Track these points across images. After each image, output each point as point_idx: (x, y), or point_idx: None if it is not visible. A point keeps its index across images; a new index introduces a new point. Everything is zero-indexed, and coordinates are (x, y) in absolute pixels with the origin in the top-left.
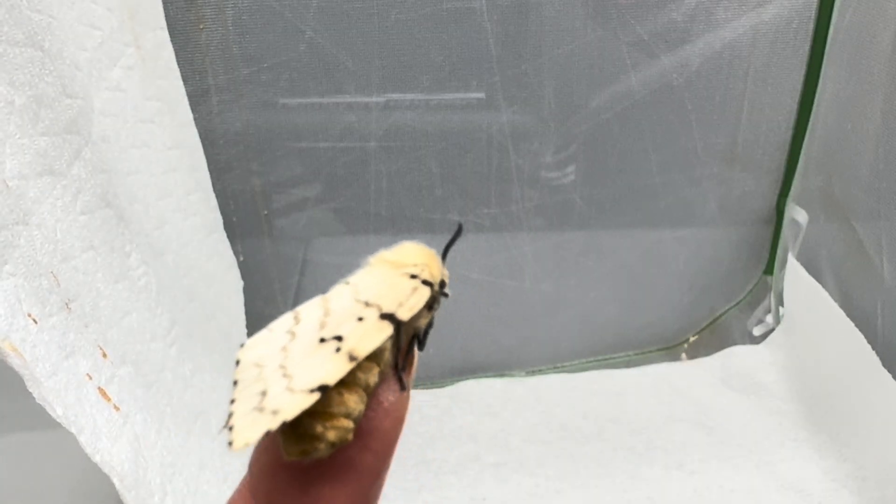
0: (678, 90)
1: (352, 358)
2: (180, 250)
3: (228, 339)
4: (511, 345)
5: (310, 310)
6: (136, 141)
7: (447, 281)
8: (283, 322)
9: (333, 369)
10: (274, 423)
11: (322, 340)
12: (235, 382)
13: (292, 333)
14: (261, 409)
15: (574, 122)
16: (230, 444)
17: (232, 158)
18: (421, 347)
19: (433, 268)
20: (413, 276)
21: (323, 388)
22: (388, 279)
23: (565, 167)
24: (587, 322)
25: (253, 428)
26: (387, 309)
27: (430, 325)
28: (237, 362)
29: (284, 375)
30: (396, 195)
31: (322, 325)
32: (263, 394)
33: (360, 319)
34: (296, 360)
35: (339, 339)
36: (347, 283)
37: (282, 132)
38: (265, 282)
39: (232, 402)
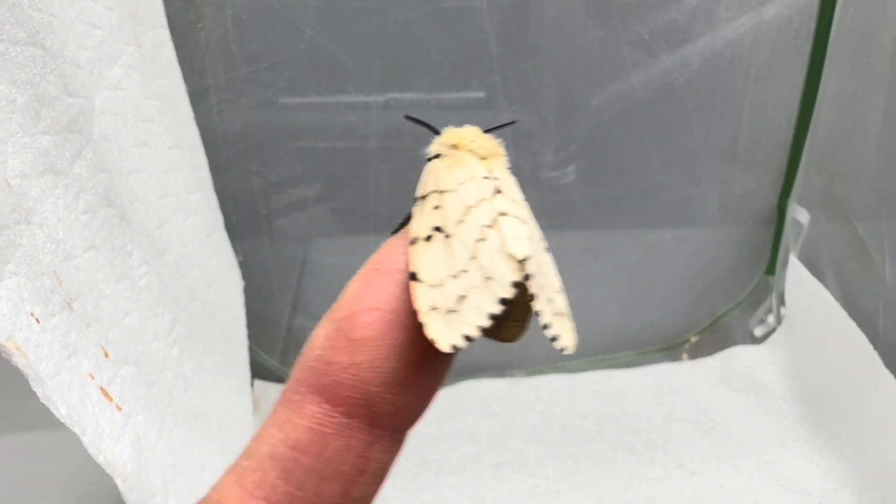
0: (679, 90)
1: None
2: (181, 250)
3: (229, 339)
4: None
5: (523, 211)
6: (136, 140)
7: None
8: (532, 230)
9: (554, 267)
10: (569, 323)
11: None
12: (532, 296)
13: (532, 239)
14: (560, 314)
15: (574, 121)
16: (563, 350)
17: (231, 158)
18: None
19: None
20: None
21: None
22: (508, 172)
23: (565, 167)
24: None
25: (568, 328)
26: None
27: None
28: (527, 277)
29: (547, 281)
30: (396, 195)
31: (532, 229)
32: (550, 301)
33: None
34: (544, 266)
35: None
36: (497, 179)
37: (281, 132)
38: (265, 282)
39: (537, 314)
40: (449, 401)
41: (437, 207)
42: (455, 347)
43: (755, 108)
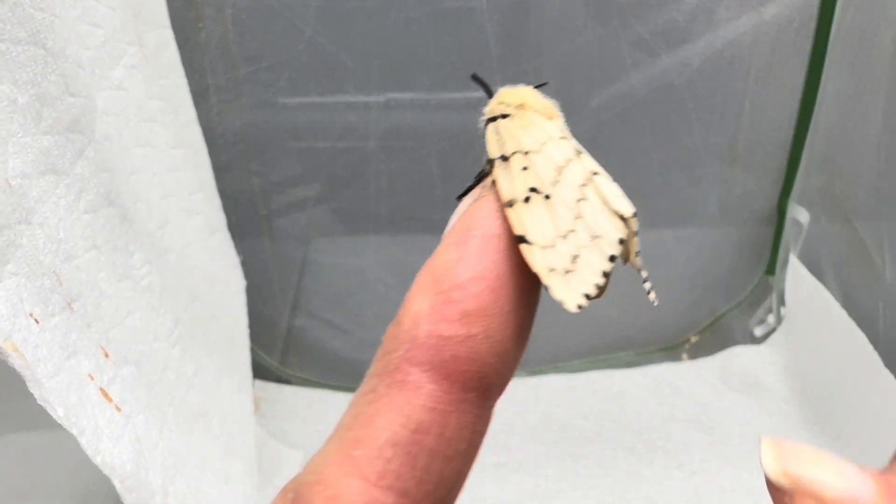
0: (679, 90)
1: None
2: (183, 250)
3: (231, 339)
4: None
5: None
6: (138, 140)
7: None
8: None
9: None
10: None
11: None
12: (638, 252)
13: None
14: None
15: (574, 121)
16: (654, 301)
17: (231, 158)
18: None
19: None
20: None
21: None
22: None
23: None
24: (587, 322)
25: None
26: None
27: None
28: (635, 233)
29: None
30: (396, 195)
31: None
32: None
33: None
34: None
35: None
36: (566, 139)
37: (281, 132)
38: (265, 282)
39: (639, 269)
40: None
41: (525, 168)
42: (580, 307)
43: (755, 108)
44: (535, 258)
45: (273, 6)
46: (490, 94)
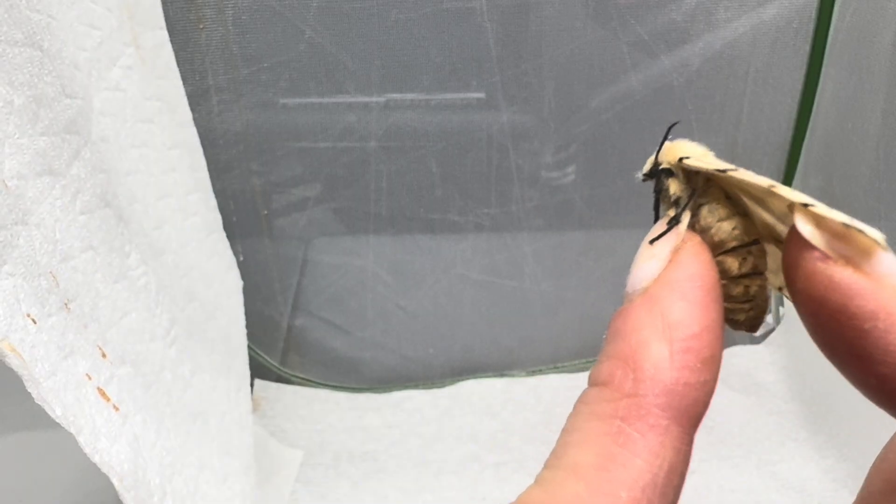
0: (678, 90)
1: None
2: (180, 250)
3: (228, 339)
4: (511, 345)
5: None
6: (135, 141)
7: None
8: None
9: None
10: None
11: None
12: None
13: None
14: None
15: (574, 122)
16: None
17: (232, 158)
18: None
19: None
20: None
21: None
22: None
23: (565, 167)
24: (587, 322)
25: None
26: None
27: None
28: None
29: None
30: (396, 195)
31: None
32: None
33: None
34: None
35: None
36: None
37: (282, 132)
38: (265, 282)
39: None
40: (449, 401)
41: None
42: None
43: (754, 108)
44: (831, 211)
45: (273, 7)
46: (659, 147)
